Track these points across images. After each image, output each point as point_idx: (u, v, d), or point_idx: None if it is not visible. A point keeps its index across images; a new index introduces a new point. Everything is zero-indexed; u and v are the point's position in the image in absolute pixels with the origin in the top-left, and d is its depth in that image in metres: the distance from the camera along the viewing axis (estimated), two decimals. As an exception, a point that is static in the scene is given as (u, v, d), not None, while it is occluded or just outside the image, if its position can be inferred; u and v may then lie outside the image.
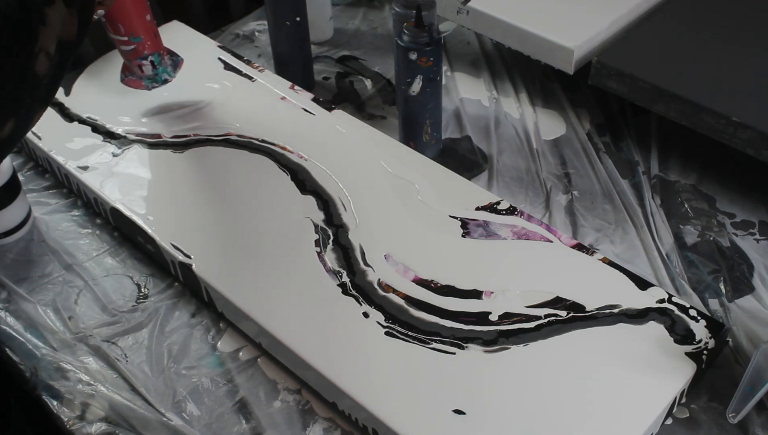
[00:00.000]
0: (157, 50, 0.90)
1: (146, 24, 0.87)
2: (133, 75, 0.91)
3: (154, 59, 0.90)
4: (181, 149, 0.90)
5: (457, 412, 0.65)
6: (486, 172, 0.93)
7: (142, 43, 0.87)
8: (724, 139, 0.82)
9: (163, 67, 0.91)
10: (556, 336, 0.70)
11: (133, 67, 0.90)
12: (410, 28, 0.85)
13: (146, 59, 0.89)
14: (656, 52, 0.91)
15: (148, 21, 0.87)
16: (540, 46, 0.94)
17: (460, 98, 1.04)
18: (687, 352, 0.68)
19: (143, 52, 0.88)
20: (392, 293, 0.74)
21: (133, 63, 0.89)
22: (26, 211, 0.87)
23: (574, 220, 0.87)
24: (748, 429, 0.67)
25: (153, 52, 0.89)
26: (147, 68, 0.90)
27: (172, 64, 0.93)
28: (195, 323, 0.78)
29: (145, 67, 0.89)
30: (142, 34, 0.87)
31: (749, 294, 0.78)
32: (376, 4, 1.24)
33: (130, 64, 0.90)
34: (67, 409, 0.71)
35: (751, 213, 0.87)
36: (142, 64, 0.89)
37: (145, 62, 0.89)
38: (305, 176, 0.86)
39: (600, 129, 0.98)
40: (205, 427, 0.69)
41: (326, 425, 0.69)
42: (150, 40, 0.88)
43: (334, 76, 1.09)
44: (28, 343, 0.76)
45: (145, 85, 0.92)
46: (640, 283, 0.74)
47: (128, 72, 0.92)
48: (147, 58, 0.89)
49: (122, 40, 0.86)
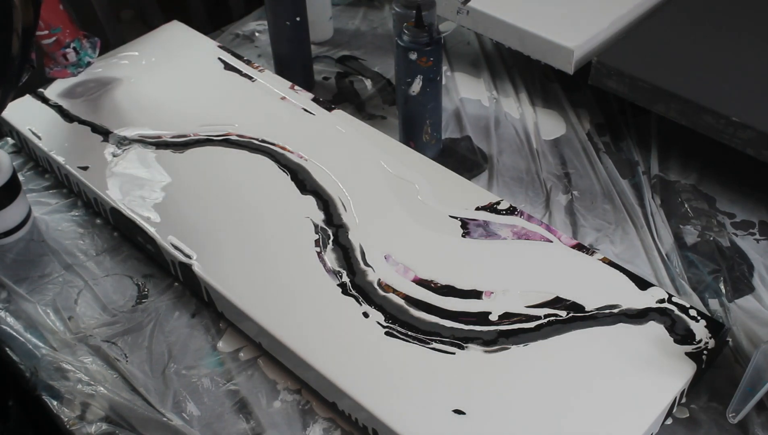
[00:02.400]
0: (76, 36, 0.93)
1: (61, 13, 0.90)
2: (58, 65, 0.94)
3: (76, 45, 0.93)
4: (181, 149, 0.90)
5: (457, 412, 0.65)
6: (486, 172, 0.93)
7: (62, 33, 0.90)
8: (724, 139, 0.82)
9: (85, 51, 0.94)
10: (556, 336, 0.70)
11: (57, 58, 0.93)
12: (410, 28, 0.85)
13: (68, 47, 0.92)
14: (656, 52, 0.91)
15: (62, 10, 0.90)
16: (540, 46, 0.94)
17: (460, 98, 1.04)
18: (687, 352, 0.68)
19: (65, 41, 0.91)
20: (392, 293, 0.74)
21: (57, 54, 0.92)
22: (26, 211, 0.87)
23: (574, 220, 0.87)
24: (748, 429, 0.67)
25: (73, 39, 0.92)
26: (71, 55, 0.93)
27: (91, 46, 0.95)
28: (195, 323, 0.78)
29: (69, 54, 0.92)
30: (61, 24, 0.89)
31: (749, 294, 0.78)
32: (376, 4, 1.24)
33: (54, 56, 0.93)
34: (67, 409, 0.71)
35: (751, 213, 0.87)
36: (66, 52, 0.92)
37: (69, 50, 0.92)
38: (305, 176, 0.86)
39: (600, 129, 0.98)
40: (205, 427, 0.69)
41: (326, 425, 0.69)
42: (68, 27, 0.91)
43: (334, 76, 1.09)
44: (28, 343, 0.77)
45: (71, 72, 0.95)
46: (640, 283, 0.74)
47: (51, 64, 0.94)
48: (69, 46, 0.92)
49: (42, 34, 0.89)
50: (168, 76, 1.00)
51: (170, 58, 1.02)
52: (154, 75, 0.99)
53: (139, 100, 0.97)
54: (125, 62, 1.03)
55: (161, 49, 1.01)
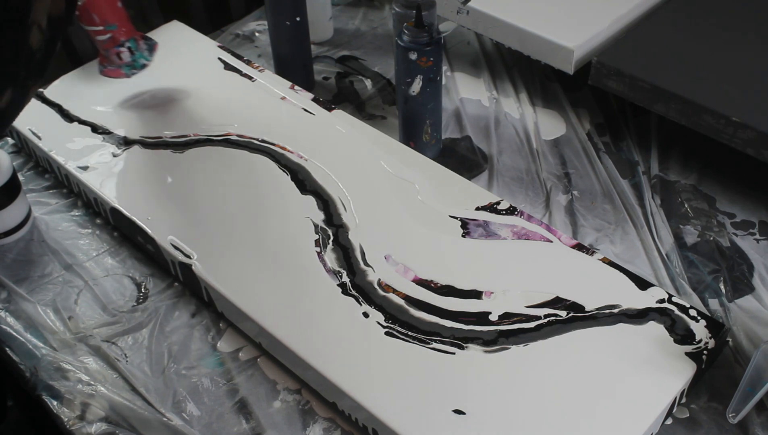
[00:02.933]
0: (133, 36, 0.90)
1: (119, 11, 0.87)
2: (111, 65, 0.92)
3: (131, 45, 0.90)
4: (181, 149, 0.90)
5: (457, 412, 0.65)
6: (486, 172, 0.93)
7: (118, 30, 0.88)
8: (724, 139, 0.82)
9: (140, 53, 0.92)
10: (556, 336, 0.70)
11: (110, 57, 0.90)
12: (410, 28, 0.85)
13: (123, 46, 0.89)
14: (656, 52, 0.91)
15: (120, 8, 0.88)
16: (540, 46, 0.94)
17: (460, 98, 1.04)
18: (687, 352, 0.68)
19: (120, 39, 0.89)
20: (392, 293, 0.74)
21: (111, 52, 0.90)
22: (26, 211, 0.87)
23: (574, 220, 0.87)
24: (748, 429, 0.67)
25: (129, 38, 0.90)
26: (125, 55, 0.90)
27: (147, 48, 0.93)
28: (195, 323, 0.78)
29: (123, 54, 0.90)
30: (117, 21, 0.87)
31: (749, 294, 0.78)
32: (376, 4, 1.24)
33: (107, 54, 0.90)
34: (67, 409, 0.71)
35: (751, 213, 0.87)
36: (120, 51, 0.90)
37: (123, 49, 0.90)
38: (305, 176, 0.86)
39: (600, 129, 0.98)
40: (205, 427, 0.69)
41: (326, 425, 0.69)
42: (124, 26, 0.89)
43: (334, 76, 1.09)
44: (28, 343, 0.76)
45: (125, 72, 0.92)
46: (640, 283, 0.74)
47: (106, 62, 0.92)
48: (124, 45, 0.90)
49: (97, 30, 0.87)
50: (168, 76, 1.00)
51: (170, 58, 1.02)
52: (154, 75, 0.99)
53: (139, 100, 0.96)
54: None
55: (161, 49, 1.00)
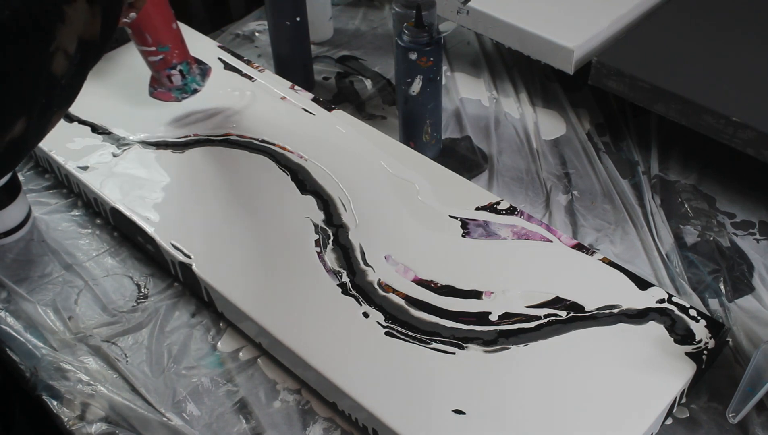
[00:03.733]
0: (185, 59, 0.88)
1: (173, 32, 0.85)
2: (162, 87, 0.89)
3: (183, 68, 0.88)
4: (181, 149, 0.90)
5: (457, 412, 0.65)
6: (486, 172, 0.93)
7: (170, 52, 0.85)
8: (724, 139, 0.82)
9: (192, 77, 0.89)
10: (556, 336, 0.70)
11: (161, 78, 0.88)
12: (410, 28, 0.85)
13: (175, 69, 0.87)
14: (656, 52, 0.91)
15: (175, 29, 0.85)
16: (540, 46, 0.94)
17: (460, 98, 1.04)
18: (687, 352, 0.68)
19: (172, 61, 0.86)
20: (392, 293, 0.74)
21: (162, 74, 0.87)
22: (26, 211, 0.87)
23: (574, 220, 0.87)
24: (748, 429, 0.67)
25: (181, 61, 0.87)
26: (176, 78, 0.88)
27: (200, 72, 0.91)
28: (195, 323, 0.78)
29: (174, 77, 0.87)
30: (170, 43, 0.85)
31: (749, 294, 0.78)
32: (376, 4, 1.24)
33: (158, 76, 0.88)
34: (67, 409, 0.71)
35: (751, 213, 0.87)
36: (171, 74, 0.87)
37: (174, 72, 0.87)
38: (305, 176, 0.86)
39: (600, 129, 0.98)
40: (205, 427, 0.69)
41: (326, 425, 0.69)
42: (178, 48, 0.86)
43: (334, 76, 1.09)
44: (28, 343, 0.76)
45: (175, 96, 0.90)
46: (640, 283, 0.74)
47: (157, 84, 0.89)
48: (176, 68, 0.87)
49: (150, 50, 0.84)
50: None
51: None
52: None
53: (139, 100, 0.96)
54: (125, 62, 1.03)
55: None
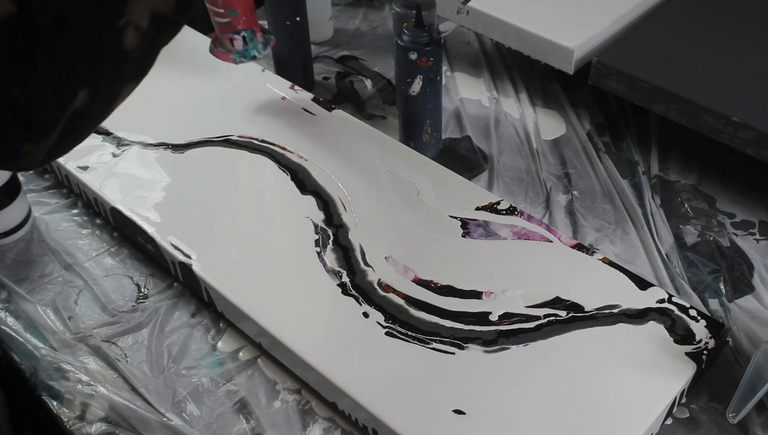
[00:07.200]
0: (251, 26, 0.88)
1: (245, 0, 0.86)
2: (223, 47, 0.90)
3: (246, 35, 0.88)
4: (181, 149, 0.90)
5: (457, 412, 0.65)
6: (486, 172, 0.93)
7: (237, 18, 0.86)
8: (724, 139, 0.82)
9: (254, 44, 0.89)
10: (556, 336, 0.70)
11: (224, 40, 0.89)
12: (410, 28, 0.85)
13: (239, 34, 0.87)
14: (656, 52, 0.91)
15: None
16: (540, 46, 0.94)
17: (460, 98, 1.04)
18: (687, 352, 0.68)
19: (236, 26, 0.87)
20: (392, 293, 0.74)
21: (225, 36, 0.88)
22: (26, 211, 0.87)
23: (574, 220, 0.87)
24: (748, 429, 0.67)
25: (246, 28, 0.88)
26: (238, 43, 0.88)
27: (263, 41, 0.90)
28: (195, 323, 0.78)
29: (236, 42, 0.88)
30: (239, 9, 0.85)
31: (749, 294, 0.78)
32: (376, 4, 1.24)
33: (221, 36, 0.89)
34: (67, 409, 0.71)
35: (751, 213, 0.87)
36: (233, 38, 0.88)
37: (237, 37, 0.88)
38: (305, 176, 0.86)
39: (600, 129, 0.98)
40: (205, 427, 0.69)
41: (326, 425, 0.69)
42: (246, 15, 0.87)
43: (334, 76, 1.09)
44: (28, 343, 0.76)
45: (233, 58, 0.90)
46: (640, 283, 0.74)
47: (218, 43, 0.90)
48: (239, 33, 0.87)
49: (218, 11, 0.85)
50: (167, 77, 1.00)
51: (170, 59, 1.02)
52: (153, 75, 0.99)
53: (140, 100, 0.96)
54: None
55: (161, 49, 1.00)
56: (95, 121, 0.53)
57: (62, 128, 0.48)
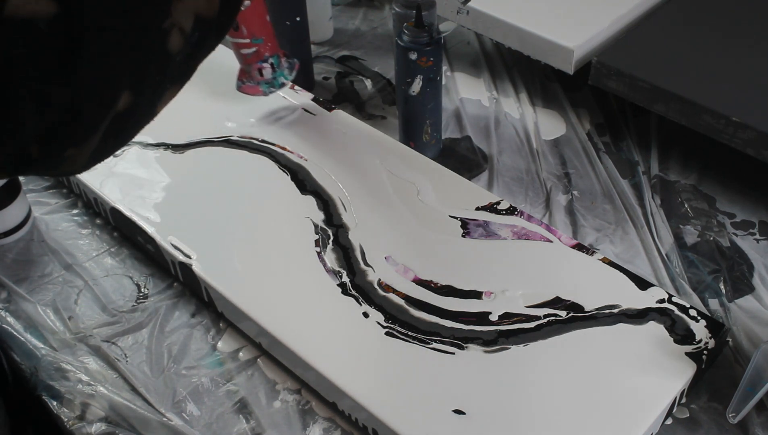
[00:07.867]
0: (276, 52, 0.87)
1: (266, 25, 0.84)
2: (251, 80, 0.87)
3: (274, 61, 0.86)
4: (181, 150, 0.90)
5: (457, 412, 0.65)
6: (486, 172, 0.93)
7: (264, 45, 0.84)
8: (724, 139, 0.82)
9: (281, 71, 0.88)
10: (556, 336, 0.70)
11: (252, 72, 0.86)
12: (410, 28, 0.85)
13: (266, 62, 0.86)
14: (656, 52, 0.91)
15: (268, 21, 0.84)
16: (540, 46, 0.94)
17: (460, 98, 1.04)
18: (687, 352, 0.68)
19: (264, 54, 0.85)
20: (392, 293, 0.74)
21: (253, 67, 0.86)
22: (26, 211, 0.87)
23: (574, 220, 0.87)
24: (748, 429, 0.67)
25: (273, 54, 0.86)
26: (267, 72, 0.86)
27: (288, 66, 0.89)
28: (195, 323, 0.78)
29: (265, 70, 0.86)
30: (264, 36, 0.83)
31: (749, 294, 0.78)
32: (376, 4, 1.24)
33: (248, 69, 0.87)
34: (67, 409, 0.71)
35: (751, 213, 0.87)
36: (262, 67, 0.86)
37: (266, 65, 0.86)
38: (305, 176, 0.86)
39: (600, 129, 0.98)
40: (205, 427, 0.69)
41: (326, 425, 0.69)
42: (270, 41, 0.85)
43: (334, 76, 1.09)
44: (28, 343, 0.76)
45: (263, 90, 0.89)
46: (640, 283, 0.74)
47: (246, 77, 0.88)
48: (267, 61, 0.86)
49: (243, 42, 0.83)
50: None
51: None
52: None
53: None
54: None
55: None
56: (138, 125, 0.53)
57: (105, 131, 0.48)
